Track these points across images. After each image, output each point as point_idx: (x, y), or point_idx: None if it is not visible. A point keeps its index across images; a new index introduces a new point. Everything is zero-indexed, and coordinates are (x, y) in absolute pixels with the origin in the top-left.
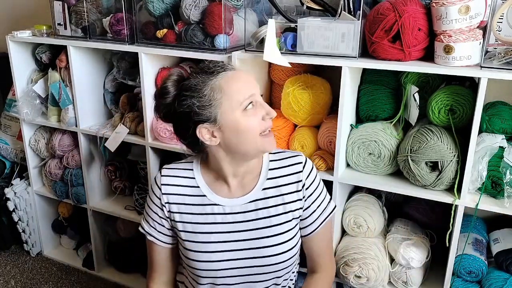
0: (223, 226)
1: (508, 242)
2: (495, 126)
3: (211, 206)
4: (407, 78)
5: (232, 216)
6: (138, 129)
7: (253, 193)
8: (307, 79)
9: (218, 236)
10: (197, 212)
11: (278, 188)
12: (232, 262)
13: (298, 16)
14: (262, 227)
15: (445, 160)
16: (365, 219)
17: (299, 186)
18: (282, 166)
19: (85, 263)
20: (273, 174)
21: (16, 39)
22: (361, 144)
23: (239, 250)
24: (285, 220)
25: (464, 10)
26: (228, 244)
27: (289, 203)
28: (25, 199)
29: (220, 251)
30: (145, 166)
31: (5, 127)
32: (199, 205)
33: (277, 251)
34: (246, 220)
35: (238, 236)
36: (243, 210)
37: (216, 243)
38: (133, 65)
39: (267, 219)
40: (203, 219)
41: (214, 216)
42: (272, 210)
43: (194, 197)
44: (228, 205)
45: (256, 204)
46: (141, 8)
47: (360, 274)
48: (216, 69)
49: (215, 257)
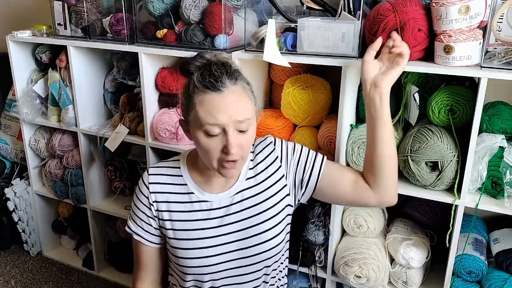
0: (212, 222)
1: (508, 242)
2: (495, 126)
3: (199, 203)
4: (407, 78)
5: (219, 210)
6: (138, 129)
7: (238, 185)
8: (307, 79)
9: (208, 231)
10: (186, 209)
11: (260, 175)
12: (222, 256)
13: (298, 16)
14: (249, 216)
15: (445, 160)
16: (365, 219)
17: (278, 162)
18: (257, 152)
19: (85, 263)
20: (252, 163)
21: (16, 39)
22: (361, 144)
23: (229, 243)
24: (271, 205)
25: (464, 10)
26: (218, 238)
27: (273, 185)
28: (25, 199)
29: (211, 246)
30: (145, 166)
31: (5, 127)
32: (187, 202)
33: (265, 238)
34: (234, 212)
35: (228, 229)
36: (229, 203)
37: (207, 239)
38: (133, 65)
39: (253, 207)
40: (192, 216)
41: (202, 213)
42: (257, 198)
43: (182, 194)
44: (215, 200)
45: (242, 194)
46: (141, 8)
47: (360, 274)
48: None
49: (206, 253)
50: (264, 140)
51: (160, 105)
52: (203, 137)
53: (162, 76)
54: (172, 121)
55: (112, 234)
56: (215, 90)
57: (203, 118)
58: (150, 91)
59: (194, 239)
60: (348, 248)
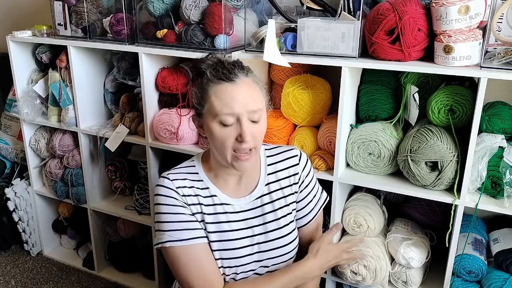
0: (238, 224)
1: (508, 242)
2: (495, 126)
3: (222, 205)
4: (407, 78)
5: (243, 214)
6: (138, 129)
7: (258, 190)
8: (307, 79)
9: (237, 233)
10: (213, 212)
11: (279, 182)
12: (249, 255)
13: (298, 16)
14: (269, 221)
15: (444, 160)
16: (365, 218)
17: (295, 178)
18: (279, 161)
19: (85, 263)
20: (272, 169)
21: (17, 39)
22: (361, 144)
23: (255, 245)
24: (287, 213)
25: (464, 10)
26: (247, 239)
27: (288, 195)
28: (26, 199)
29: (243, 247)
30: (145, 166)
31: (5, 127)
32: (211, 205)
33: (284, 242)
34: (256, 216)
35: (252, 232)
36: (251, 207)
37: (238, 240)
38: (133, 65)
39: (272, 213)
40: (217, 218)
41: (226, 215)
42: (276, 204)
43: (207, 198)
44: (237, 204)
45: (262, 199)
46: (141, 8)
47: (356, 269)
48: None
49: (241, 253)
50: (289, 150)
51: (160, 105)
52: (218, 127)
53: (162, 76)
54: (172, 121)
55: (112, 234)
56: (229, 80)
57: (219, 108)
58: (150, 91)
59: (228, 240)
60: None
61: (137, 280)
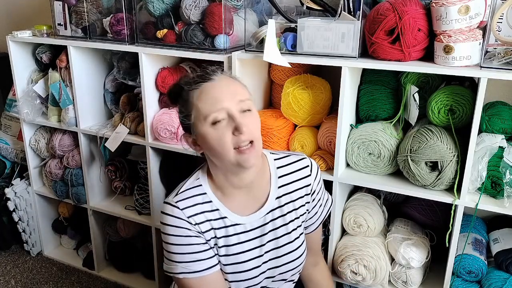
0: (249, 244)
1: (508, 242)
2: (495, 126)
3: (233, 226)
4: (407, 78)
5: (254, 232)
6: (138, 129)
7: (268, 204)
8: (307, 79)
9: (249, 254)
10: (223, 235)
11: (290, 195)
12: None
13: (298, 16)
14: (280, 236)
15: (445, 160)
16: (365, 218)
17: (308, 190)
18: (290, 172)
19: (85, 263)
20: (283, 181)
21: (17, 39)
22: (361, 144)
23: (267, 262)
24: (297, 225)
25: (464, 10)
26: (259, 259)
27: (299, 208)
28: (26, 199)
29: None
30: (145, 166)
31: (5, 127)
32: (222, 227)
33: (295, 256)
34: (266, 232)
35: (264, 250)
36: (262, 223)
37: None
38: (133, 65)
39: (283, 227)
40: (230, 241)
41: (238, 237)
42: (287, 218)
43: (217, 220)
44: (247, 222)
45: (273, 214)
46: (141, 8)
47: (356, 269)
48: (198, 79)
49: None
50: (300, 160)
51: (160, 105)
52: (211, 130)
53: (162, 76)
54: (172, 121)
55: (112, 234)
56: (207, 79)
57: (207, 108)
58: (150, 91)
59: (240, 262)
60: (347, 246)
61: (137, 280)
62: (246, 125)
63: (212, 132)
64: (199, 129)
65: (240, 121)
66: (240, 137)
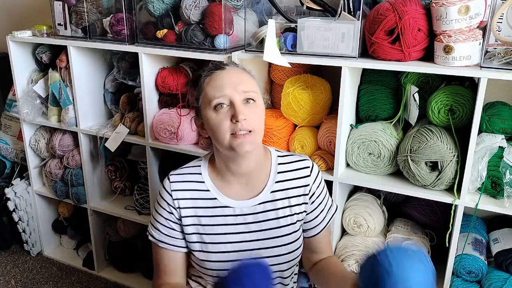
0: (235, 227)
1: (508, 242)
2: (495, 126)
3: (222, 208)
4: (407, 78)
5: (243, 217)
6: (138, 129)
7: (262, 195)
8: (307, 79)
9: (231, 236)
10: (211, 214)
11: (286, 191)
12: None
13: (298, 16)
14: (270, 228)
15: (444, 160)
16: (365, 218)
17: (306, 190)
18: (290, 170)
19: (85, 263)
20: (281, 177)
21: (17, 39)
22: (361, 144)
23: (250, 250)
24: (290, 222)
25: (464, 10)
26: (240, 244)
27: (295, 205)
28: (26, 199)
29: (234, 251)
30: (145, 166)
31: (5, 127)
32: (210, 207)
33: (284, 251)
34: (256, 221)
35: (250, 237)
36: (252, 211)
37: (230, 243)
38: (133, 65)
39: (275, 220)
40: (215, 221)
41: (224, 218)
42: (279, 212)
43: (205, 200)
44: (238, 206)
45: (265, 206)
46: (141, 8)
47: (356, 269)
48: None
49: (229, 257)
50: (301, 160)
51: (160, 105)
52: (213, 114)
53: (162, 76)
54: (172, 121)
55: (112, 234)
56: (219, 68)
57: (212, 93)
58: (150, 91)
59: (219, 243)
60: (347, 246)
61: (137, 280)
62: (245, 114)
63: (213, 116)
64: (204, 113)
65: (239, 109)
66: (237, 125)
